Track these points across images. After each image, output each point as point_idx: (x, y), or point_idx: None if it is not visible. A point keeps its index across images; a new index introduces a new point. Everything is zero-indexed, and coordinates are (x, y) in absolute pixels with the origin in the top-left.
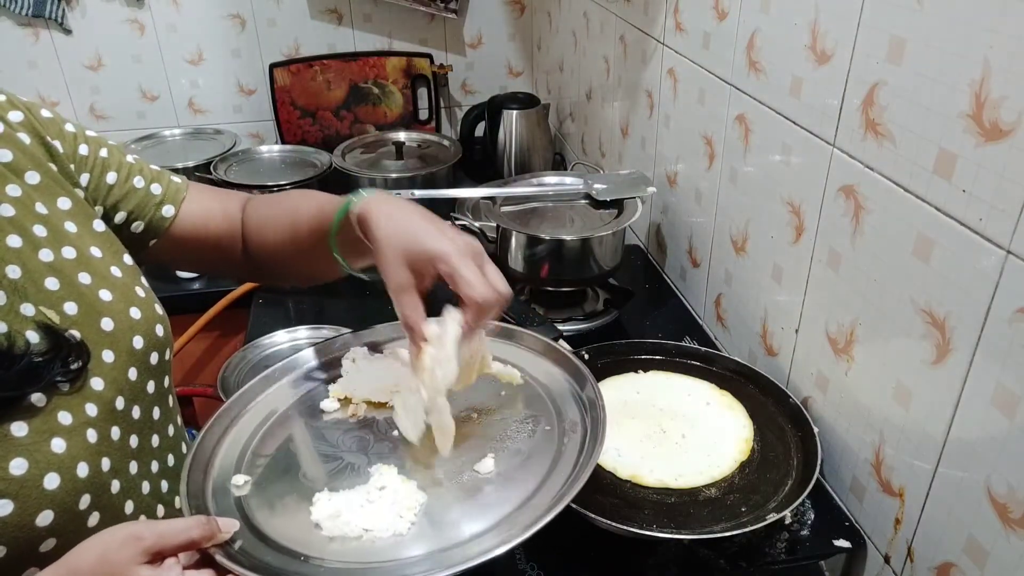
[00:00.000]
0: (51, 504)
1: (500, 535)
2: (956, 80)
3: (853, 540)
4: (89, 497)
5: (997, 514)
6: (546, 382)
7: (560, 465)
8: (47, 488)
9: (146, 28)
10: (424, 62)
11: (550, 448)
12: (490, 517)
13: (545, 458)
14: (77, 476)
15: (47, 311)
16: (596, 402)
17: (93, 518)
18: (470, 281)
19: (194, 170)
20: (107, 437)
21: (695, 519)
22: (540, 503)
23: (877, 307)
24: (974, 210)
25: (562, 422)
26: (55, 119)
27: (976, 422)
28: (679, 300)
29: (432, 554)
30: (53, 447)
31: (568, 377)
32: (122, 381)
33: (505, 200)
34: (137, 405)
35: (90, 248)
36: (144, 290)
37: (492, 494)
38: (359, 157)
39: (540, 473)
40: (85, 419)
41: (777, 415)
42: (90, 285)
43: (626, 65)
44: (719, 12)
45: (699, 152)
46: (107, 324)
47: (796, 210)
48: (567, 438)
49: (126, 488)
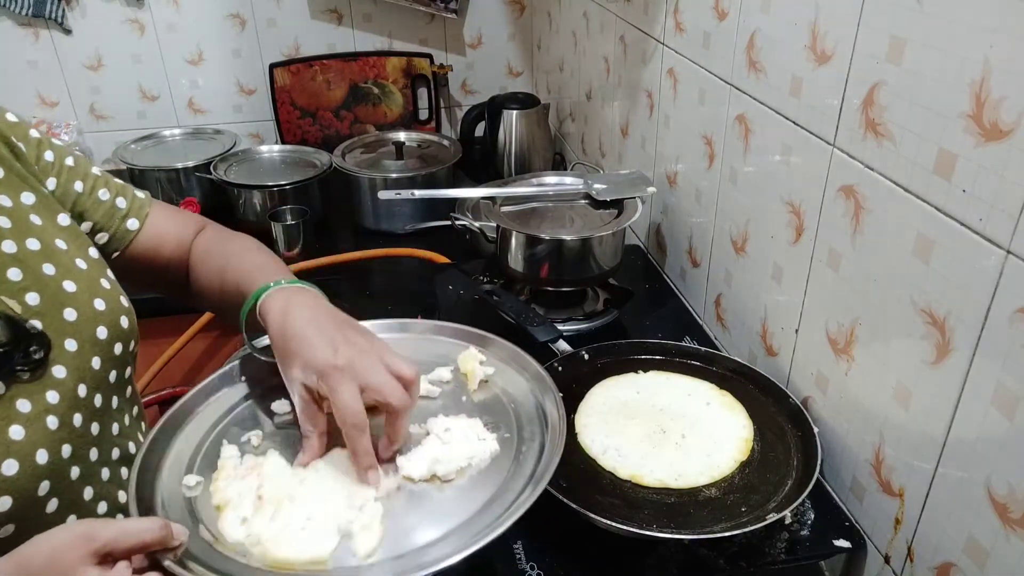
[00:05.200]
0: (10, 490)
1: (453, 543)
2: (956, 80)
3: (853, 540)
4: (48, 483)
5: (997, 514)
6: (511, 390)
7: (517, 474)
8: (5, 474)
9: (146, 28)
10: (424, 62)
11: (508, 456)
12: (445, 524)
13: (503, 466)
14: (36, 463)
15: (8, 301)
16: (557, 412)
17: (52, 504)
18: (340, 403)
19: (194, 170)
20: (68, 424)
21: (695, 519)
22: (495, 512)
23: (877, 307)
24: (974, 210)
25: (521, 431)
26: (21, 124)
27: (976, 422)
28: (679, 300)
29: (384, 562)
30: (11, 434)
31: (533, 387)
32: (85, 369)
33: (505, 200)
34: (99, 393)
35: (55, 240)
36: (109, 282)
37: (447, 501)
38: (359, 157)
39: (498, 481)
40: (45, 406)
41: (777, 415)
42: (54, 276)
43: (626, 65)
44: (719, 12)
45: (699, 152)
46: (70, 314)
47: (796, 210)
48: (525, 447)
49: (85, 474)
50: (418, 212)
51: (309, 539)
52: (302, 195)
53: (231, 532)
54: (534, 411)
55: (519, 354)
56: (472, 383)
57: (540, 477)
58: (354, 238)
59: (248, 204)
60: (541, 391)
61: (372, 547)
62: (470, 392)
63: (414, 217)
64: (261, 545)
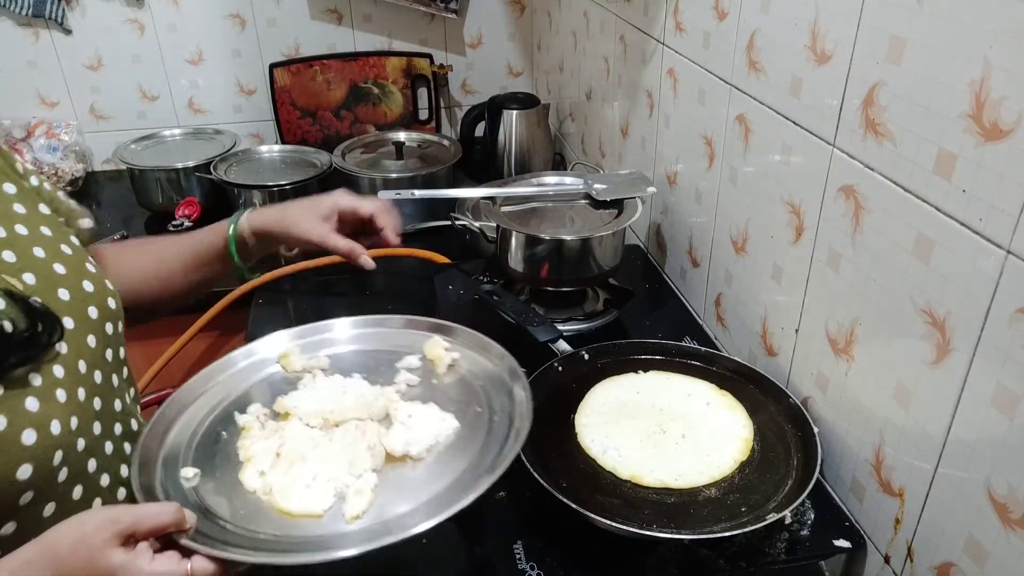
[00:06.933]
0: (29, 458)
1: (428, 512)
2: (956, 80)
3: (853, 540)
4: (61, 453)
5: (997, 514)
6: (476, 371)
7: (492, 442)
8: (25, 443)
9: (146, 28)
10: (424, 62)
11: (481, 428)
12: (421, 495)
13: (478, 436)
14: (51, 432)
15: (10, 279)
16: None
17: (63, 473)
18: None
19: (194, 170)
20: (74, 397)
21: (695, 519)
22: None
23: (877, 307)
24: (974, 210)
25: (491, 403)
26: None
27: (976, 422)
28: (679, 300)
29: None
30: (28, 405)
31: (498, 367)
32: (83, 347)
33: (505, 200)
34: (98, 370)
35: (40, 227)
36: (92, 266)
37: (423, 473)
38: (359, 157)
39: (472, 452)
40: (54, 380)
41: (777, 415)
42: (44, 259)
43: (626, 65)
44: (719, 12)
45: (699, 152)
46: (64, 294)
47: (796, 210)
48: (497, 416)
49: (90, 447)
50: (418, 212)
51: (310, 496)
52: (302, 195)
53: (249, 482)
54: (500, 387)
55: (483, 339)
56: (440, 367)
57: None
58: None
59: (248, 204)
60: (506, 370)
61: (360, 511)
62: (440, 375)
63: (414, 217)
64: (271, 495)
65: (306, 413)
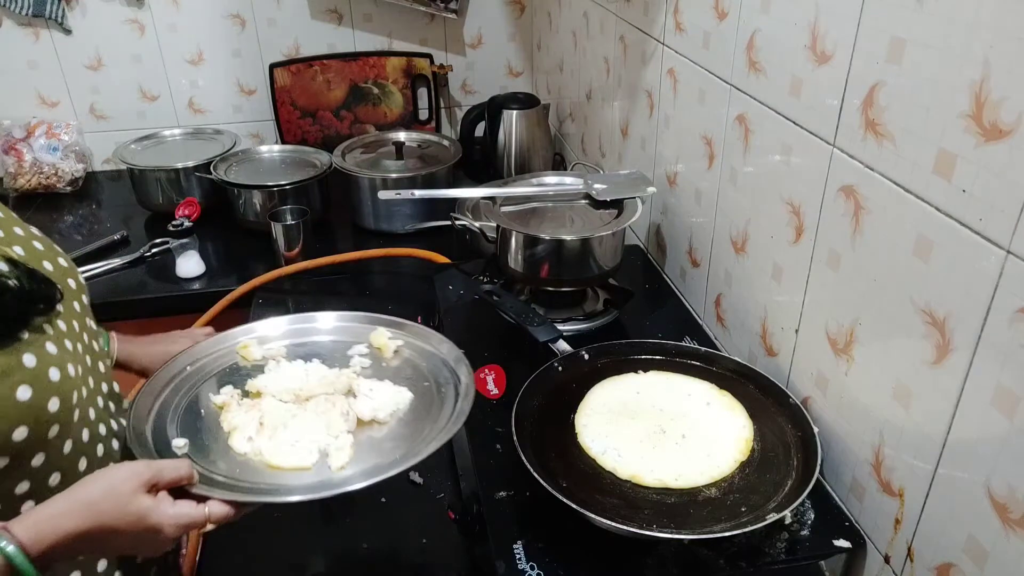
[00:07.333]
0: (56, 392)
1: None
2: (956, 80)
3: (853, 540)
4: (76, 394)
5: (997, 514)
6: (420, 354)
7: (444, 409)
8: (52, 379)
9: (146, 28)
10: (424, 62)
11: (430, 398)
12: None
13: (429, 404)
14: (69, 374)
15: (5, 248)
16: (464, 371)
17: (76, 414)
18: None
19: (194, 170)
20: (76, 349)
21: (695, 519)
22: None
23: (877, 307)
24: (974, 210)
25: (437, 378)
26: None
27: (976, 422)
28: (679, 300)
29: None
30: (48, 349)
31: (439, 350)
32: (70, 310)
33: (505, 200)
34: (85, 332)
35: (12, 215)
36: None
37: (391, 432)
38: (359, 157)
39: (429, 416)
40: (60, 332)
41: (777, 415)
42: (24, 237)
43: (626, 65)
44: (719, 12)
45: (699, 152)
46: (48, 266)
47: (796, 210)
48: (444, 389)
49: (90, 396)
50: (418, 212)
51: (297, 453)
52: (302, 195)
53: (239, 446)
54: (442, 366)
55: (424, 330)
56: (387, 352)
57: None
58: (354, 238)
59: (248, 204)
60: (447, 353)
61: (344, 462)
62: (388, 359)
63: (414, 217)
64: (261, 456)
65: (278, 391)
